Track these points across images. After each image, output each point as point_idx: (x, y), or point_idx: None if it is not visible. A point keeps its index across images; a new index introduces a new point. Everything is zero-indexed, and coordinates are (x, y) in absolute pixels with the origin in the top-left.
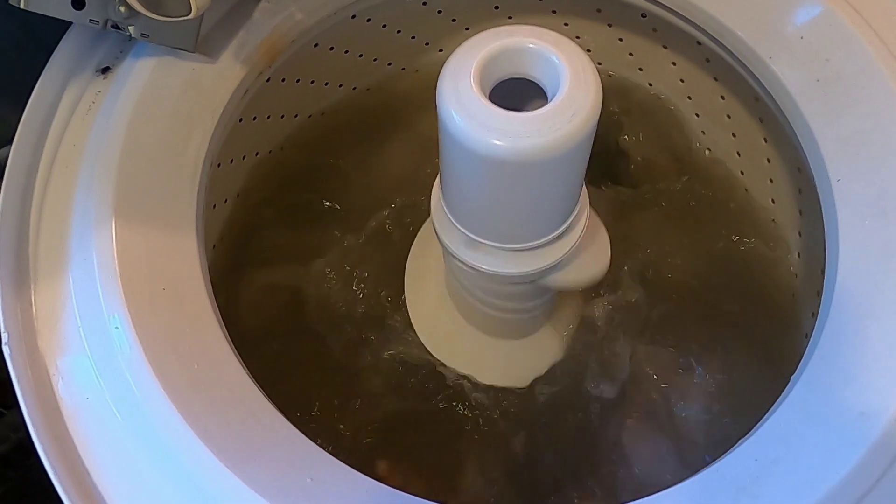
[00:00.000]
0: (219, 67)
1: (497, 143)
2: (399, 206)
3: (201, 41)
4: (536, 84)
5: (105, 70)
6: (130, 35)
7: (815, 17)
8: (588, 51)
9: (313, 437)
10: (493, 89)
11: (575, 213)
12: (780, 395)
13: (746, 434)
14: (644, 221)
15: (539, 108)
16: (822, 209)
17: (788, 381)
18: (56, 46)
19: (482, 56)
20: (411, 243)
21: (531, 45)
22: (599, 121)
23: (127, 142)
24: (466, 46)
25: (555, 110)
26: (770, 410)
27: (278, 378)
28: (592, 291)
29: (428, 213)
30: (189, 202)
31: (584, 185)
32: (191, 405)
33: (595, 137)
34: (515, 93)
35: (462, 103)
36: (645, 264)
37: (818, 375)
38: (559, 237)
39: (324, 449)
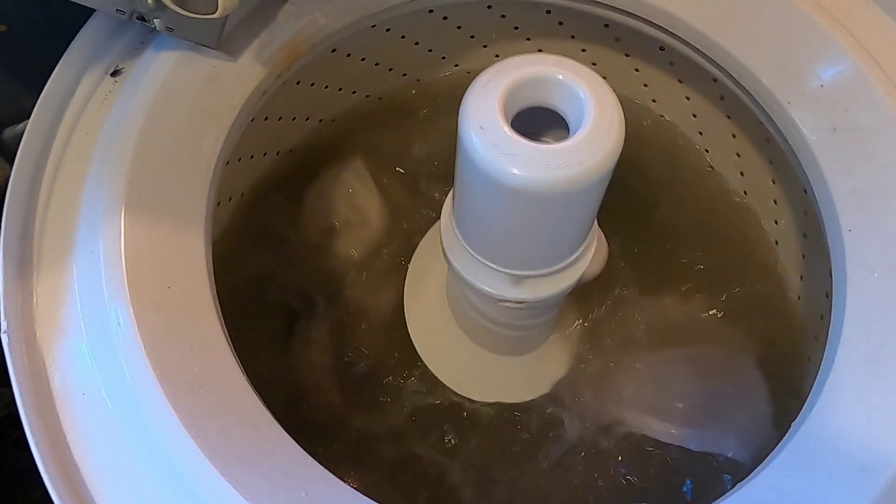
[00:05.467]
0: (239, 66)
1: (516, 172)
2: (400, 218)
3: (224, 39)
4: (557, 113)
5: (116, 73)
6: (155, 27)
7: (838, 67)
8: (603, 78)
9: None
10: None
11: (585, 244)
12: (779, 440)
13: (745, 479)
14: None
15: (558, 137)
16: (831, 258)
17: (789, 428)
18: (74, 31)
19: (508, 84)
20: (411, 252)
21: (559, 77)
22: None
23: (142, 134)
24: (492, 72)
25: (578, 145)
26: (769, 458)
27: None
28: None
29: (428, 227)
30: (200, 200)
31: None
32: (188, 407)
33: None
34: (534, 118)
35: (484, 130)
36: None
37: (820, 426)
38: (571, 264)
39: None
